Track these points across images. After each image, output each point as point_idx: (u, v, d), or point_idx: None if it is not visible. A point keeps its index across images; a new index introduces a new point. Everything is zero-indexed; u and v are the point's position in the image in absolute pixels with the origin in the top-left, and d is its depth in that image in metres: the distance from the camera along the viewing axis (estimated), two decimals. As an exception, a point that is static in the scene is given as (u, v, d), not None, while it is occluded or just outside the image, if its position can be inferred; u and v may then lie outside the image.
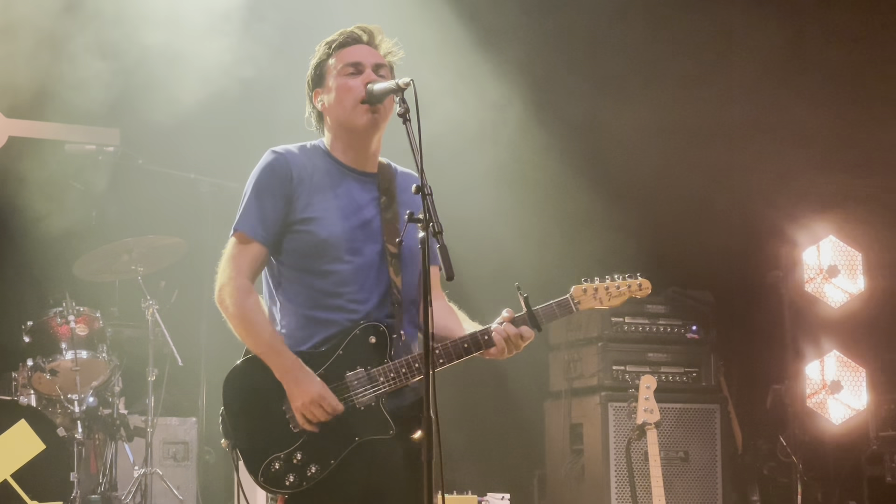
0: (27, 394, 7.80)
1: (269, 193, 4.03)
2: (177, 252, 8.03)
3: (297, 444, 3.91)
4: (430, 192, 3.69)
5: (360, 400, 3.94)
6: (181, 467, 8.52)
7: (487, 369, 8.26)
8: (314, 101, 4.18)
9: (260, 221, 4.02)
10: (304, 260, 4.02)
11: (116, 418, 8.02)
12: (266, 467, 3.90)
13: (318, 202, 4.03)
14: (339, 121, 4.11)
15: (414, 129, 3.77)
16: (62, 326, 7.76)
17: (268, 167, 4.07)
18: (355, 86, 4.05)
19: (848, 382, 8.02)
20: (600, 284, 4.18)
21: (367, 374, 3.95)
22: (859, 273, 8.14)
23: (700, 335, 8.12)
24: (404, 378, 3.95)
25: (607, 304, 4.20)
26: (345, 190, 4.08)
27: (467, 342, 4.01)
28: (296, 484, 3.89)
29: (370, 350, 3.97)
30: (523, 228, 8.26)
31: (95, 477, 8.06)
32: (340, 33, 4.14)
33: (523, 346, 4.05)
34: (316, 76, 4.16)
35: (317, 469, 3.90)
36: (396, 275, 4.04)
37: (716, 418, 7.88)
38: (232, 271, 4.02)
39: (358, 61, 4.08)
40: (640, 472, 6.90)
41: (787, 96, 8.73)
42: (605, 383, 7.84)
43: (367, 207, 4.09)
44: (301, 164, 4.07)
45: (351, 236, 4.02)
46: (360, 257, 4.02)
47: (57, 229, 8.19)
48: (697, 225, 8.61)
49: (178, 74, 7.72)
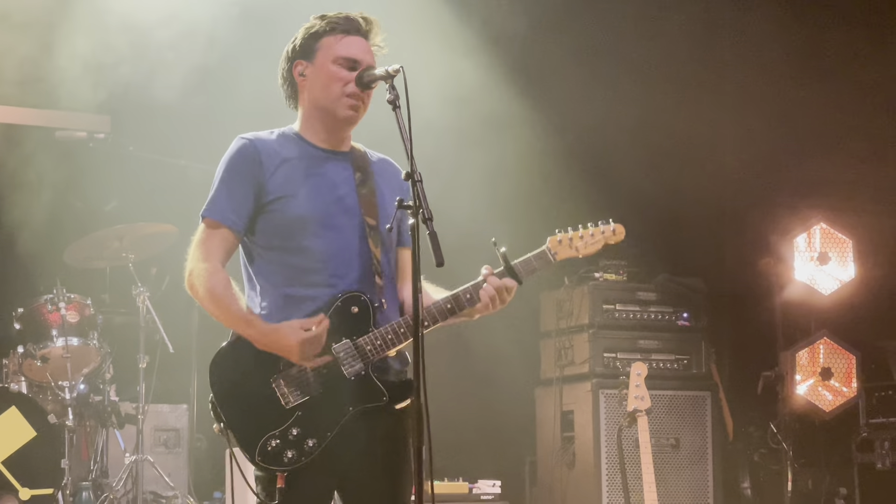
0: (18, 381, 7.79)
1: (238, 179, 4.02)
2: (168, 239, 8.01)
3: (292, 420, 3.89)
4: (419, 178, 3.68)
5: (349, 370, 3.93)
6: (172, 454, 8.52)
7: (478, 356, 8.28)
8: (294, 69, 4.13)
9: (229, 206, 4.02)
10: (279, 238, 4.01)
11: (107, 405, 8.02)
12: (262, 446, 3.87)
13: (290, 182, 4.02)
14: (319, 103, 4.09)
15: (403, 116, 3.76)
16: (53, 313, 7.75)
17: (236, 153, 4.06)
18: (346, 78, 4.04)
19: (838, 369, 8.03)
20: (574, 233, 4.19)
21: (353, 343, 3.94)
22: (850, 260, 8.15)
23: (691, 322, 8.13)
24: (391, 344, 3.94)
25: (584, 251, 4.21)
26: (318, 170, 4.07)
27: (450, 303, 3.99)
28: (294, 459, 3.87)
29: (353, 320, 3.95)
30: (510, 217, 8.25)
31: (86, 464, 8.07)
32: (345, 17, 4.10)
33: (509, 299, 4.04)
34: (304, 47, 4.12)
35: (314, 442, 3.88)
36: (376, 246, 4.03)
37: (706, 405, 7.90)
38: (201, 255, 4.01)
39: (355, 59, 4.06)
40: (631, 459, 6.90)
41: (778, 84, 8.73)
42: (596, 370, 7.85)
43: (342, 185, 4.08)
44: (271, 148, 4.06)
45: (325, 211, 4.01)
46: (336, 232, 4.01)
47: (47, 216, 8.17)
48: (688, 212, 8.62)
49: (170, 61, 7.71)
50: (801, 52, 8.58)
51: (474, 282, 4.02)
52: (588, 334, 7.92)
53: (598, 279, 8.08)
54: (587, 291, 8.00)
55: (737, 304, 8.84)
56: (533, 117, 8.37)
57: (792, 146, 8.83)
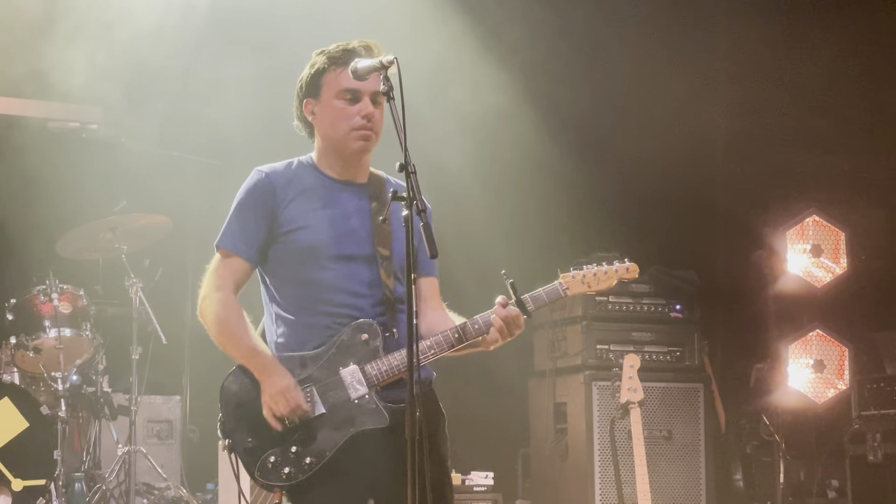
0: (10, 371, 7.78)
1: (252, 211, 4.11)
2: (161, 230, 8.00)
3: (293, 439, 3.96)
4: (413, 170, 3.69)
5: (353, 394, 3.99)
6: (165, 445, 8.52)
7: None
8: (304, 109, 4.19)
9: (241, 237, 4.10)
10: (291, 268, 4.09)
11: (100, 396, 8.02)
12: (262, 463, 3.95)
13: (304, 213, 4.09)
14: (331, 140, 4.14)
15: (397, 108, 3.76)
16: (45, 304, 7.74)
17: (251, 187, 4.14)
18: (352, 113, 4.08)
19: (831, 362, 8.04)
20: (588, 271, 4.25)
21: (360, 368, 4.00)
22: (842, 252, 8.15)
23: (684, 314, 8.13)
24: (397, 370, 4.00)
25: (595, 288, 4.28)
26: (332, 201, 4.13)
27: (457, 332, 4.06)
28: (292, 475, 3.94)
29: (362, 347, 4.02)
30: (506, 211, 8.26)
31: (79, 455, 8.07)
32: (342, 49, 4.12)
33: (518, 331, 4.11)
34: (310, 85, 4.17)
35: (312, 460, 3.95)
36: (388, 276, 4.08)
37: (699, 397, 7.90)
38: (215, 283, 4.12)
39: (356, 89, 4.08)
40: (624, 451, 6.92)
41: (772, 77, 8.74)
42: (589, 362, 7.85)
43: (356, 215, 4.13)
44: (286, 181, 4.13)
45: (337, 242, 4.07)
46: (348, 263, 4.07)
47: (40, 207, 8.15)
48: (682, 204, 8.62)
49: (162, 52, 7.69)
50: (795, 46, 8.59)
51: (485, 313, 4.08)
52: (581, 326, 7.92)
53: (592, 271, 8.06)
54: (580, 283, 7.98)
55: (729, 296, 8.84)
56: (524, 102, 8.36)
57: (786, 139, 8.83)
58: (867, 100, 8.56)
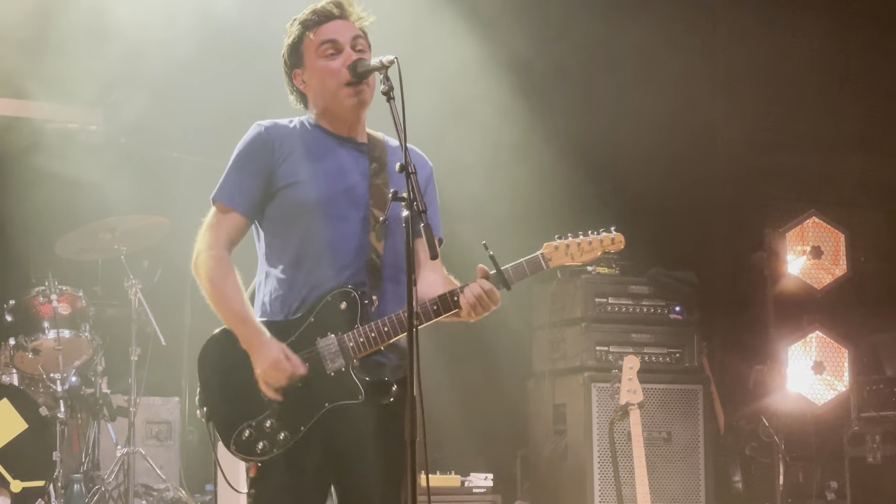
0: (9, 373, 7.78)
1: (250, 165, 4.05)
2: (160, 231, 8.00)
3: (268, 412, 3.92)
4: (414, 170, 3.68)
5: (330, 366, 3.94)
6: (164, 447, 8.52)
7: (471, 349, 8.28)
8: (294, 81, 4.16)
9: (238, 191, 4.04)
10: (286, 225, 4.03)
11: (99, 398, 8.01)
12: (237, 435, 3.91)
13: (302, 168, 4.03)
14: (326, 101, 4.10)
15: (398, 107, 3.75)
16: (45, 305, 7.74)
17: (250, 140, 4.09)
18: (337, 68, 4.04)
19: (830, 363, 8.04)
20: (572, 240, 4.16)
21: (336, 339, 3.94)
22: (842, 254, 8.15)
23: (683, 316, 8.12)
24: (373, 343, 3.94)
25: (579, 259, 4.17)
26: (332, 157, 4.08)
27: (436, 304, 3.99)
28: (266, 450, 3.90)
29: (341, 316, 3.95)
30: (503, 212, 8.24)
31: (78, 456, 8.06)
32: (312, 11, 4.11)
33: (493, 306, 3.99)
34: (293, 56, 4.14)
35: (286, 435, 3.90)
36: (378, 241, 4.02)
37: (698, 399, 7.89)
38: (209, 240, 4.05)
39: (334, 39, 4.06)
40: (623, 453, 6.91)
41: (772, 78, 8.74)
42: (589, 364, 7.84)
43: (353, 173, 4.08)
44: (286, 135, 4.08)
45: (333, 200, 4.01)
46: (341, 222, 4.01)
47: (39, 208, 8.15)
48: (681, 205, 8.62)
49: (161, 53, 7.69)
50: (796, 47, 8.59)
51: (466, 284, 4.01)
52: (580, 327, 7.92)
53: (591, 272, 8.07)
54: (580, 285, 7.99)
55: (729, 297, 8.84)
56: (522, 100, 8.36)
57: (786, 141, 8.83)
58: (868, 102, 8.56)
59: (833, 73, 8.58)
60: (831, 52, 8.54)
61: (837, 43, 8.50)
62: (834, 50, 8.53)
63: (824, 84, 8.57)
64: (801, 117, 8.66)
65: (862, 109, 8.59)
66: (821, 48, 8.55)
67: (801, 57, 8.59)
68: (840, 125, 8.59)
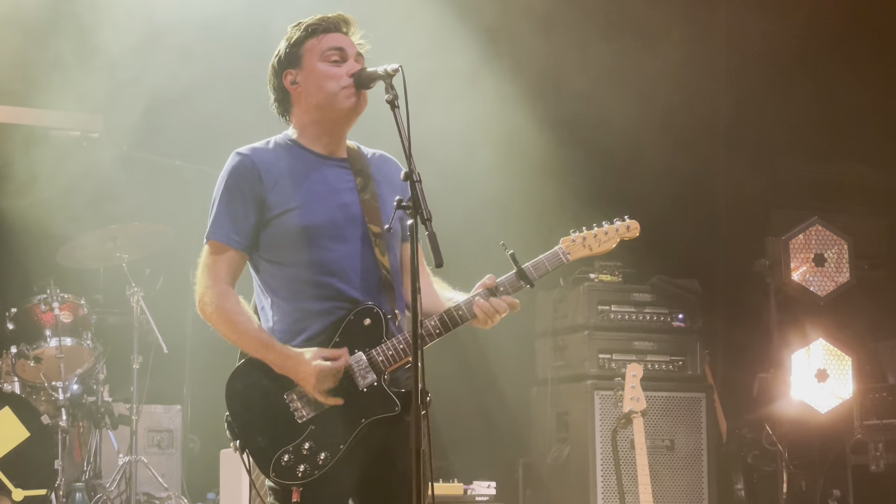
0: (11, 381, 7.77)
1: (239, 196, 3.97)
2: (162, 239, 8.00)
3: (305, 435, 3.89)
4: (418, 178, 3.67)
5: (362, 382, 3.92)
6: (166, 455, 8.51)
7: (474, 357, 8.27)
8: (284, 80, 4.09)
9: (232, 227, 3.96)
10: (285, 252, 3.97)
11: (101, 406, 8.00)
12: (276, 462, 3.87)
13: (293, 193, 3.97)
14: (319, 104, 4.04)
15: (402, 116, 3.74)
16: (46, 313, 7.74)
17: (234, 170, 4.00)
18: (340, 73, 4.01)
19: (834, 371, 8.03)
20: (588, 232, 4.15)
21: (366, 356, 3.93)
22: (846, 262, 8.14)
23: (686, 324, 8.12)
24: (403, 354, 3.93)
25: (598, 250, 4.16)
26: (319, 177, 4.04)
27: (438, 328, 3.97)
28: (308, 473, 3.86)
29: (366, 333, 3.94)
30: (506, 214, 8.23)
31: (80, 465, 8.05)
32: (321, 18, 4.09)
33: (503, 315, 4.00)
34: (289, 55, 4.08)
35: (327, 455, 3.88)
36: (383, 255, 4.01)
37: (701, 407, 7.89)
38: (209, 279, 3.98)
39: (342, 47, 4.04)
40: (626, 461, 6.90)
41: (775, 83, 8.73)
42: (592, 371, 7.84)
43: (343, 192, 4.04)
44: (269, 160, 4.01)
45: (332, 222, 3.98)
46: (343, 243, 3.98)
47: (41, 216, 8.14)
48: (684, 213, 8.61)
49: (163, 60, 7.69)
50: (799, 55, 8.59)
51: (467, 298, 4.01)
52: (583, 335, 7.91)
53: (594, 280, 8.07)
54: (582, 292, 7.99)
55: (732, 305, 8.83)
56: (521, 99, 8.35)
57: (789, 148, 8.83)
58: (872, 110, 8.55)
59: (838, 80, 8.57)
60: (837, 60, 8.54)
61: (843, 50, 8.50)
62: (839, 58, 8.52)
63: (829, 91, 8.57)
64: (805, 125, 8.65)
65: (866, 117, 8.58)
66: (826, 55, 8.55)
67: (806, 64, 8.58)
68: (844, 132, 8.58)
